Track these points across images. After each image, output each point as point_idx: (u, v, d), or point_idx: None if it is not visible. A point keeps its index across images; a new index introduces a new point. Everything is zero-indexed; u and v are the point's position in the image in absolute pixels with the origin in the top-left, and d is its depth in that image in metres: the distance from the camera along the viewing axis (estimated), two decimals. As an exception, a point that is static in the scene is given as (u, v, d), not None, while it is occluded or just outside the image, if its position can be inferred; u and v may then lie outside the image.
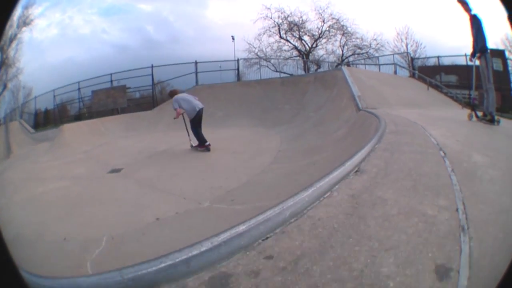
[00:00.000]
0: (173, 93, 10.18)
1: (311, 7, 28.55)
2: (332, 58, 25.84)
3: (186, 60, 20.64)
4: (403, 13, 27.74)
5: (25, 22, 29.65)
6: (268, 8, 27.34)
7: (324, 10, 25.86)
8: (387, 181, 2.89)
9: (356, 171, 3.15)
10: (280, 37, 27.19)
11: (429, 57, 21.40)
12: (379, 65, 22.15)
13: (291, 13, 26.89)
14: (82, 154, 11.49)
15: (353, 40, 25.29)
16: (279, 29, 27.02)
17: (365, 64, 23.91)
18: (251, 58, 25.26)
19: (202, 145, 9.07)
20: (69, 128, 16.40)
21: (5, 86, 30.31)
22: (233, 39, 26.61)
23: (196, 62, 20.16)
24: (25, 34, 29.75)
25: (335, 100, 10.65)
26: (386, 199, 2.51)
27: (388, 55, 22.95)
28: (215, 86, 16.88)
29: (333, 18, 25.75)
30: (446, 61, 19.63)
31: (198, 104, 9.52)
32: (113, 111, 19.70)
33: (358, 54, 25.38)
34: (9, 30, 28.19)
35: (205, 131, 9.24)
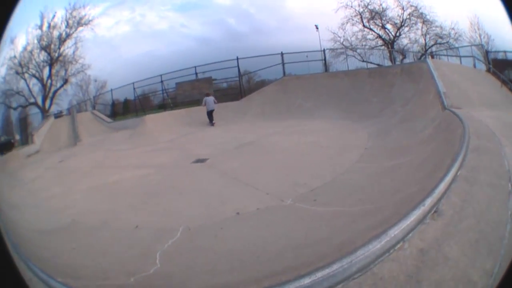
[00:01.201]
0: (207, 95, 17.15)
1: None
2: (416, 48, 25.18)
3: (270, 51, 21.17)
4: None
5: (79, 22, 33.00)
6: None
7: None
8: (457, 231, 2.71)
9: (434, 211, 2.98)
10: (364, 25, 27.08)
11: (500, 51, 19.49)
12: (460, 56, 20.95)
13: (370, 0, 26.78)
14: (166, 143, 12.18)
15: (433, 28, 24.51)
16: (361, 17, 26.94)
17: (447, 55, 22.91)
18: (337, 48, 25.29)
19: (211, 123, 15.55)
20: (152, 118, 17.63)
21: (66, 81, 34.22)
22: (317, 28, 27.17)
23: (282, 53, 20.37)
24: (86, 33, 32.97)
25: (422, 95, 10.20)
26: (448, 258, 2.36)
27: (465, 46, 21.51)
28: (303, 77, 16.90)
29: (411, 6, 25.30)
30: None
31: (211, 107, 16.23)
32: (199, 102, 20.69)
33: (439, 44, 24.39)
34: (53, 31, 32.23)
35: (292, 123, 10.60)
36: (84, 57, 33.40)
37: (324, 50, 21.17)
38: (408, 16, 26.01)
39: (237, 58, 21.58)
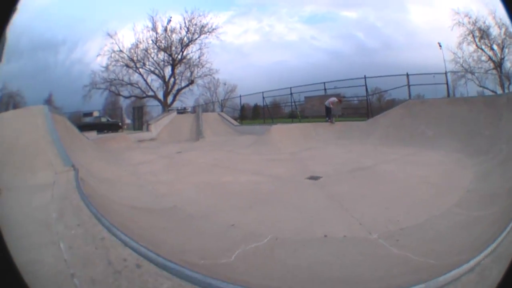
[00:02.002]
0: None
1: (487, 9, 26.71)
2: None
3: (399, 69, 21.42)
4: None
5: (201, 30, 36.66)
6: (458, 13, 27.47)
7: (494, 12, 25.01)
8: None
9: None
10: (476, 45, 26.98)
11: None
12: None
13: (476, 17, 26.59)
14: (287, 155, 12.59)
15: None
16: (473, 36, 26.82)
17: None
18: (458, 71, 25.72)
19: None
20: (279, 128, 18.09)
21: (191, 82, 37.43)
22: (440, 46, 27.38)
23: (407, 75, 20.39)
24: (211, 39, 36.84)
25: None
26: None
27: None
28: (427, 101, 16.32)
29: (503, 24, 24.49)
30: None
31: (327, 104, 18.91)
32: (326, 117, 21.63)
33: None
34: (171, 35, 35.75)
35: (411, 151, 11.02)
36: (212, 62, 37.08)
37: (446, 73, 20.86)
38: (504, 36, 25.44)
39: (365, 77, 22.20)
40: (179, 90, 36.87)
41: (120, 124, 30.51)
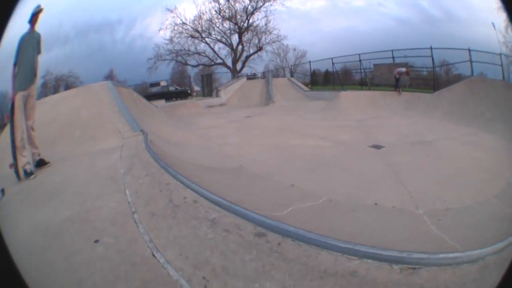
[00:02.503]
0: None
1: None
2: None
3: (463, 40, 20.30)
4: None
5: None
6: None
7: None
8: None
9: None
10: None
11: None
12: None
13: None
14: (354, 122, 12.57)
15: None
16: None
17: None
18: (510, 56, 21.64)
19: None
20: (347, 95, 18.06)
21: (260, 48, 36.88)
22: (494, 26, 24.72)
23: (469, 50, 18.82)
24: (277, 6, 34.85)
25: None
26: None
27: None
28: (487, 81, 15.12)
29: None
30: None
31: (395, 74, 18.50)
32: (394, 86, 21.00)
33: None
34: (234, 4, 35.15)
35: (472, 131, 10.44)
36: (279, 28, 36.51)
37: (501, 55, 18.73)
38: None
39: (431, 48, 21.03)
40: (248, 57, 36.80)
41: (189, 91, 31.23)
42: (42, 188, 4.49)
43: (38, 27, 5.92)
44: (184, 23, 34.79)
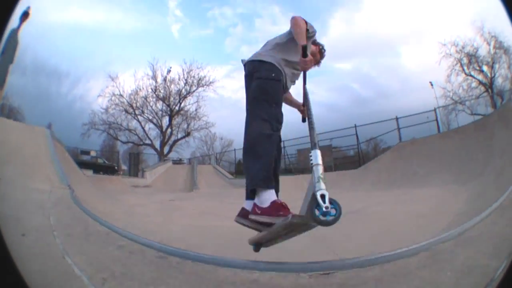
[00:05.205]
0: None
1: (474, 29, 29.24)
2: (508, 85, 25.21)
3: (395, 113, 22.63)
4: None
5: (199, 83, 38.34)
6: (444, 45, 29.32)
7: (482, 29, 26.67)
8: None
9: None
10: (465, 73, 28.30)
11: None
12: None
13: (464, 43, 28.20)
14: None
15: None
16: (461, 65, 28.24)
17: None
18: (448, 105, 26.68)
19: None
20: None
21: (188, 134, 38.70)
22: (431, 85, 29.42)
23: (397, 118, 21.52)
24: (209, 93, 38.66)
25: None
26: None
27: None
28: (417, 141, 17.08)
29: (491, 36, 26.40)
30: None
31: None
32: None
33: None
34: (170, 85, 37.81)
35: (403, 191, 11.34)
36: (208, 115, 38.38)
37: (435, 109, 21.55)
38: (493, 50, 26.82)
39: (355, 126, 23.79)
40: (175, 141, 37.62)
41: (116, 168, 31.14)
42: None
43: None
44: (121, 95, 35.60)
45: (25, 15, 6.28)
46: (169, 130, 37.53)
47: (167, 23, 55.85)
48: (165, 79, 37.88)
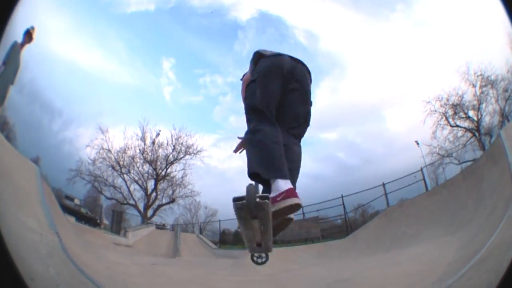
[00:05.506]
0: None
1: (458, 76, 29.18)
2: (496, 119, 26.08)
3: (382, 178, 23.11)
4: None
5: (186, 151, 38.74)
6: (428, 102, 29.80)
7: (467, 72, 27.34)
8: None
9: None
10: (451, 125, 28.69)
11: None
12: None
13: (448, 94, 28.72)
14: (264, 276, 12.72)
15: (500, 85, 25.80)
16: (446, 118, 28.68)
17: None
18: (434, 162, 26.79)
19: None
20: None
21: (172, 200, 38.40)
22: (417, 144, 29.76)
23: (384, 184, 21.97)
24: (196, 161, 38.78)
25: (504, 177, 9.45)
26: None
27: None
28: (405, 203, 17.39)
29: (478, 76, 27.00)
30: None
31: None
32: (306, 240, 22.50)
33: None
34: (158, 149, 37.91)
35: (391, 254, 11.10)
36: (194, 184, 38.47)
37: (421, 169, 21.76)
38: (480, 91, 27.25)
39: (342, 196, 24.17)
40: (159, 206, 37.13)
41: (98, 221, 30.52)
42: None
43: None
44: (109, 150, 35.46)
45: (28, 35, 6.34)
46: (154, 194, 37.28)
47: (160, 84, 56.46)
48: (153, 142, 38.25)
